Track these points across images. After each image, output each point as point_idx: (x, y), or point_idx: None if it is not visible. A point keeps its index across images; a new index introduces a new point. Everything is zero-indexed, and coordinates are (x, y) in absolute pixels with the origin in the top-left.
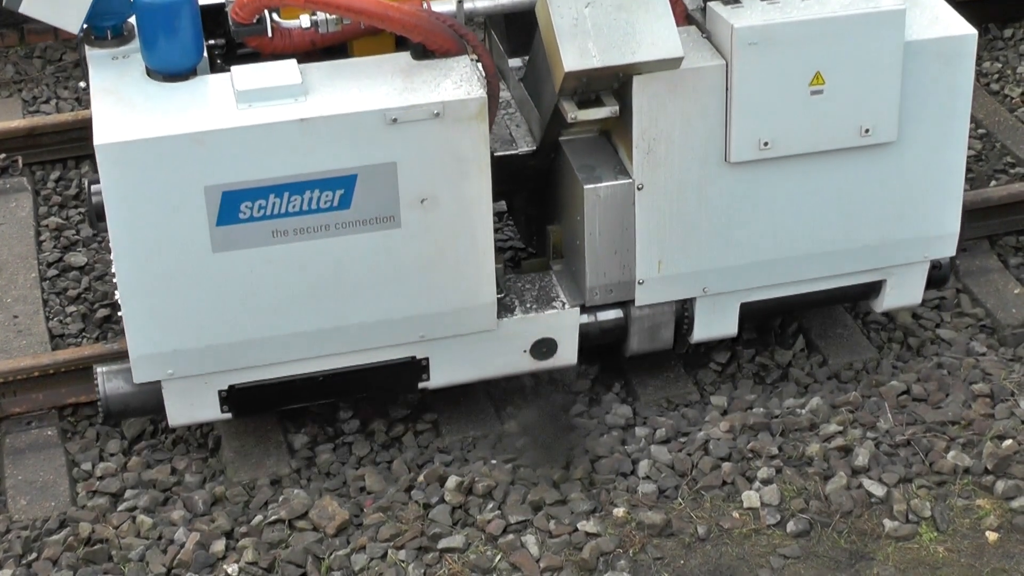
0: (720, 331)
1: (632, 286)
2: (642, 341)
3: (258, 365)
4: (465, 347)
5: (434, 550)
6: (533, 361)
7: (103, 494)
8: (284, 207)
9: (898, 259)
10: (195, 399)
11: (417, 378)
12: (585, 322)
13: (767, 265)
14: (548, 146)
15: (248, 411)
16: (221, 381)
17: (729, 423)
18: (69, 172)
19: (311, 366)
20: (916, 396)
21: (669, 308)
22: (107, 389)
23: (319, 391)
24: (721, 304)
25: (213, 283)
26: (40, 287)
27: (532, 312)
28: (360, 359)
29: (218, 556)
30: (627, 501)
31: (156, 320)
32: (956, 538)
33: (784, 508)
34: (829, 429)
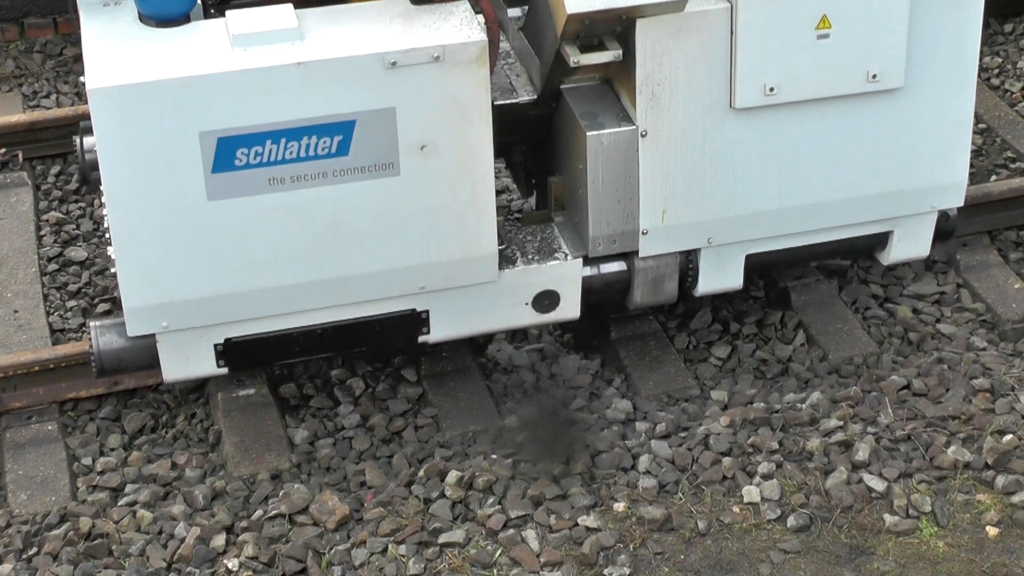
0: (725, 283)
1: (636, 236)
2: (645, 294)
3: (255, 318)
4: (466, 299)
5: (434, 545)
6: (535, 314)
7: (103, 489)
8: (281, 154)
9: (905, 209)
10: (190, 353)
11: (417, 331)
12: (588, 274)
13: (773, 215)
14: (549, 95)
15: (244, 365)
16: (217, 334)
17: (729, 418)
18: (69, 167)
19: (309, 319)
20: (916, 391)
21: (673, 259)
22: (100, 344)
23: (317, 345)
24: (726, 256)
25: (208, 232)
26: (40, 282)
27: (534, 263)
28: (359, 312)
29: (218, 551)
30: (627, 496)
31: (150, 271)
32: (956, 533)
33: (784, 503)
34: (829, 424)
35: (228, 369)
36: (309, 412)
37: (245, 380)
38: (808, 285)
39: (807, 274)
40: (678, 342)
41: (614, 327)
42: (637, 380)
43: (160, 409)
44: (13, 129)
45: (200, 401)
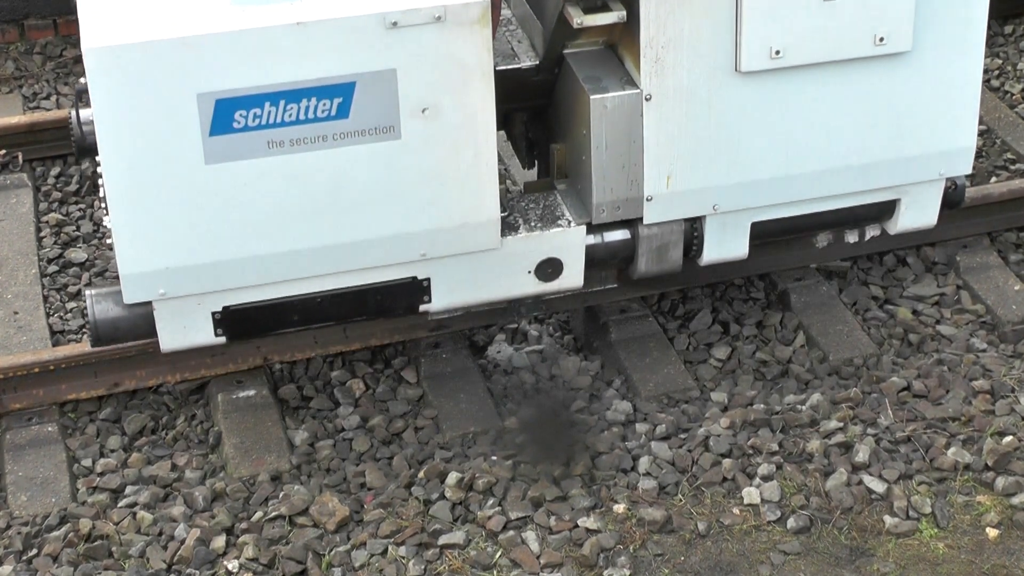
0: (730, 252)
1: (640, 203)
2: (650, 262)
3: (253, 285)
4: (467, 267)
5: (434, 546)
6: (538, 283)
7: (103, 490)
8: (280, 116)
9: (912, 176)
10: (188, 321)
11: (418, 300)
12: (591, 242)
13: (779, 182)
14: (552, 60)
15: (242, 334)
16: (215, 302)
17: (729, 419)
18: (69, 168)
19: (308, 286)
20: (916, 392)
21: (678, 227)
22: (96, 312)
23: (317, 314)
24: (732, 223)
25: (206, 196)
26: (40, 283)
27: (536, 231)
28: (359, 279)
29: (218, 552)
30: (627, 497)
31: (147, 237)
32: (956, 534)
33: (784, 504)
34: (829, 425)
35: (226, 338)
36: (309, 413)
37: (245, 381)
38: (808, 286)
39: (807, 275)
40: (678, 343)
41: (614, 328)
42: (637, 381)
43: (160, 410)
44: (13, 130)
45: (200, 402)
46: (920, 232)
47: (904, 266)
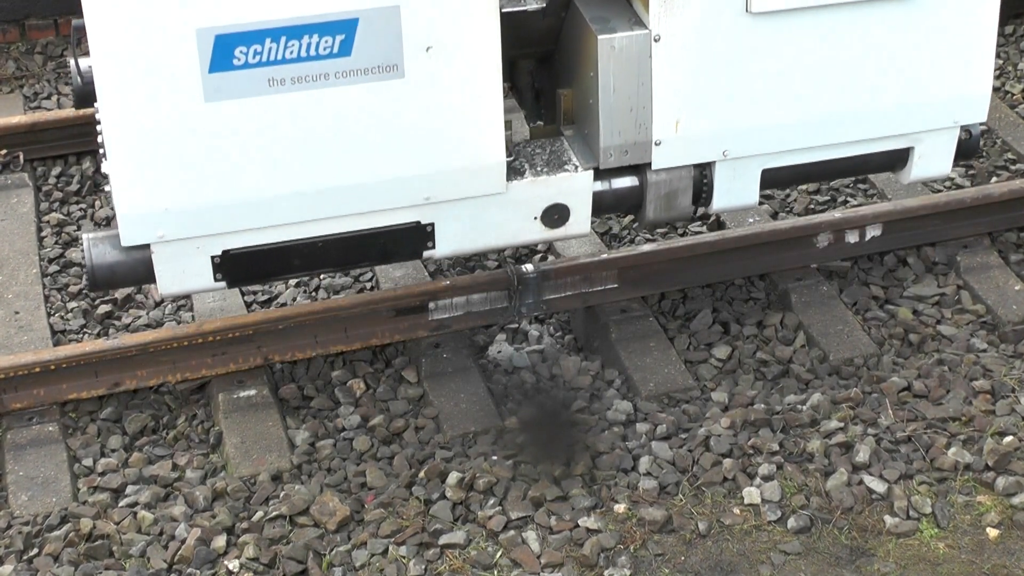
0: (740, 200)
1: (648, 147)
2: (658, 209)
3: (253, 228)
4: (472, 212)
5: (435, 546)
6: (544, 229)
7: (104, 490)
8: (281, 53)
9: (926, 124)
10: (187, 266)
11: (422, 245)
12: (599, 189)
13: (790, 127)
14: (558, 3)
15: (242, 279)
16: (214, 246)
17: (730, 419)
18: (70, 168)
19: (310, 230)
20: (917, 392)
21: (687, 173)
22: (93, 256)
23: (319, 258)
24: (742, 169)
25: (205, 135)
26: (41, 283)
27: (543, 175)
28: (362, 223)
29: (219, 552)
30: (628, 497)
31: (145, 177)
32: (957, 534)
33: (785, 504)
34: (830, 425)
35: (225, 283)
36: (310, 413)
37: (246, 381)
38: (808, 286)
39: (807, 275)
40: (678, 343)
41: (614, 328)
42: (638, 381)
43: (161, 410)
44: (14, 130)
45: (201, 402)
46: (933, 181)
47: (904, 266)
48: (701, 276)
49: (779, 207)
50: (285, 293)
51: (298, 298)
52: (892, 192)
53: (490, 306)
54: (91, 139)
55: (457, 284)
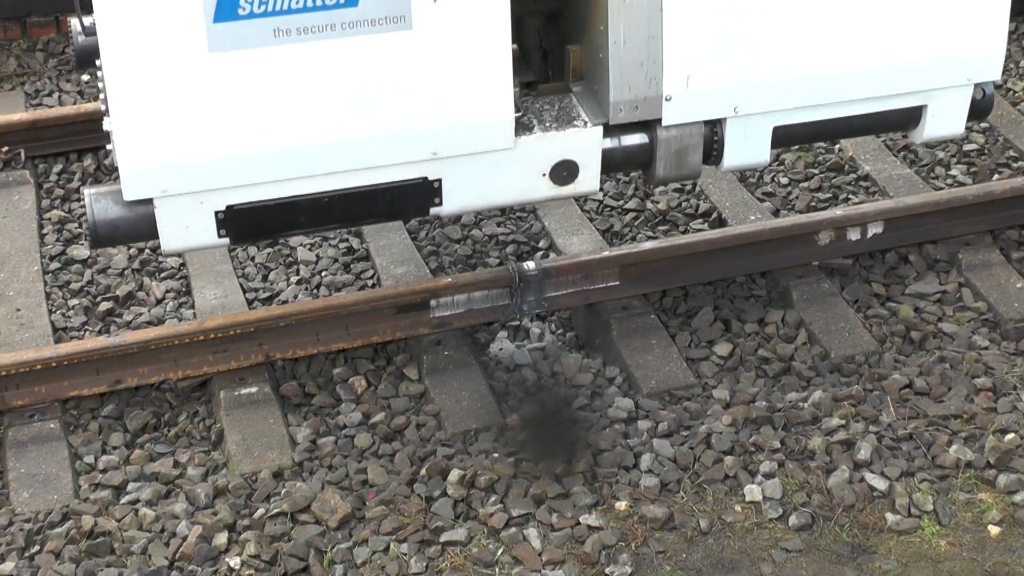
0: (752, 158)
1: (659, 102)
2: (668, 167)
3: (258, 182)
4: (480, 168)
5: (436, 543)
6: (553, 186)
7: (106, 487)
8: (287, 3)
9: (939, 81)
10: (190, 221)
11: (429, 201)
12: (608, 146)
13: (802, 83)
14: None
15: (246, 236)
16: (218, 200)
17: (731, 416)
18: (72, 165)
19: (316, 185)
20: (918, 390)
21: (698, 130)
22: (95, 211)
23: (324, 214)
24: (753, 127)
25: (209, 87)
26: (43, 280)
27: (552, 131)
28: (368, 179)
29: (220, 549)
30: (629, 495)
31: (148, 130)
32: (958, 532)
33: (786, 502)
34: (831, 423)
35: (229, 239)
36: (311, 410)
37: (247, 378)
38: (810, 283)
39: (809, 273)
40: (680, 340)
41: (616, 326)
42: (639, 379)
43: (162, 407)
44: (15, 128)
45: (202, 399)
46: (950, 139)
47: (906, 263)
48: (702, 273)
49: (780, 205)
50: (287, 290)
51: (299, 295)
52: (894, 190)
53: (492, 303)
54: (92, 136)
55: (459, 281)
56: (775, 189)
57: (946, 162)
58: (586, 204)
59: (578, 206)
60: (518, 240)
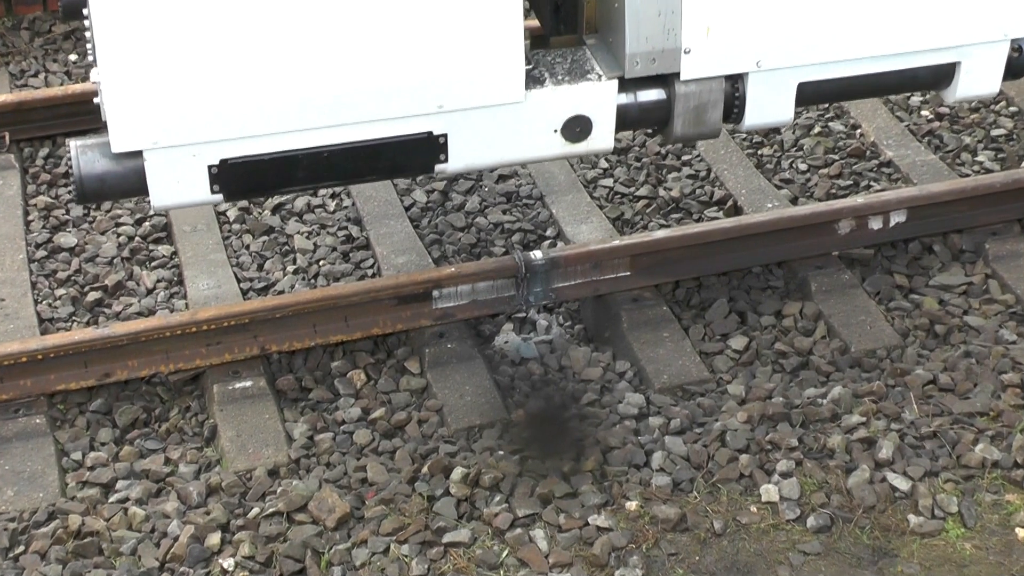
0: (774, 116)
1: (677, 55)
2: (687, 124)
3: (253, 135)
4: (488, 123)
5: (439, 544)
6: (565, 144)
7: (94, 485)
8: None
9: (974, 36)
10: (182, 175)
11: (434, 158)
12: (624, 102)
13: (829, 37)
14: None
15: (241, 192)
16: (212, 154)
17: (747, 413)
18: (59, 149)
19: (315, 139)
20: (943, 386)
21: (718, 85)
22: (81, 164)
23: (324, 170)
24: (777, 83)
25: (202, 33)
26: (28, 269)
27: (564, 84)
28: (370, 132)
29: (213, 550)
30: (640, 494)
31: (138, 78)
32: (984, 535)
33: (804, 502)
34: (851, 420)
35: (223, 196)
36: (308, 405)
37: (241, 372)
38: (829, 274)
39: (828, 263)
40: (693, 333)
41: (626, 318)
42: (650, 373)
43: (153, 402)
44: (0, 110)
45: (195, 394)
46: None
47: (930, 254)
48: (717, 264)
49: (799, 192)
50: (283, 280)
51: (296, 285)
52: (917, 176)
53: (497, 294)
54: (81, 119)
55: (462, 271)
56: (793, 176)
57: (973, 148)
58: (595, 191)
59: (587, 193)
60: (524, 228)
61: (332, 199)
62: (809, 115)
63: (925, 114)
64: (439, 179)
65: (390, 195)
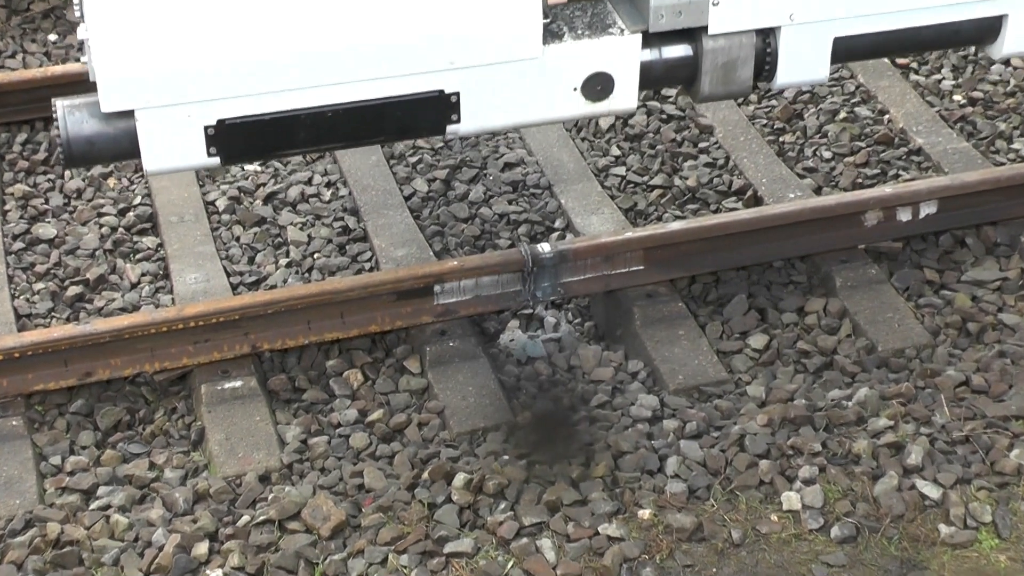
0: (808, 74)
1: (705, 7)
2: (715, 82)
3: (253, 93)
4: (503, 81)
5: (440, 555)
6: (585, 103)
7: (74, 491)
8: None
9: None
10: (176, 137)
11: (446, 118)
12: (648, 58)
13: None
14: None
15: (239, 155)
16: (208, 114)
17: (767, 416)
18: (37, 135)
19: (317, 97)
20: (976, 388)
21: (748, 40)
22: (69, 125)
23: (327, 131)
24: (811, 37)
25: None
26: (5, 262)
27: (584, 39)
28: (376, 91)
29: (201, 560)
30: (654, 502)
31: (129, 33)
32: (1020, 546)
33: (828, 511)
34: (878, 424)
35: (220, 159)
36: (302, 407)
37: (231, 371)
38: (855, 269)
39: (854, 257)
40: (710, 331)
41: (639, 314)
42: (665, 374)
43: (137, 403)
44: None
45: (181, 394)
46: None
47: (963, 247)
48: (736, 257)
49: (823, 181)
50: (275, 274)
51: (289, 280)
52: (949, 165)
53: (502, 289)
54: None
55: (465, 265)
56: (817, 164)
57: (1008, 134)
58: (607, 180)
59: (598, 182)
60: (532, 219)
61: (328, 188)
62: (834, 100)
63: (957, 99)
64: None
65: (389, 184)
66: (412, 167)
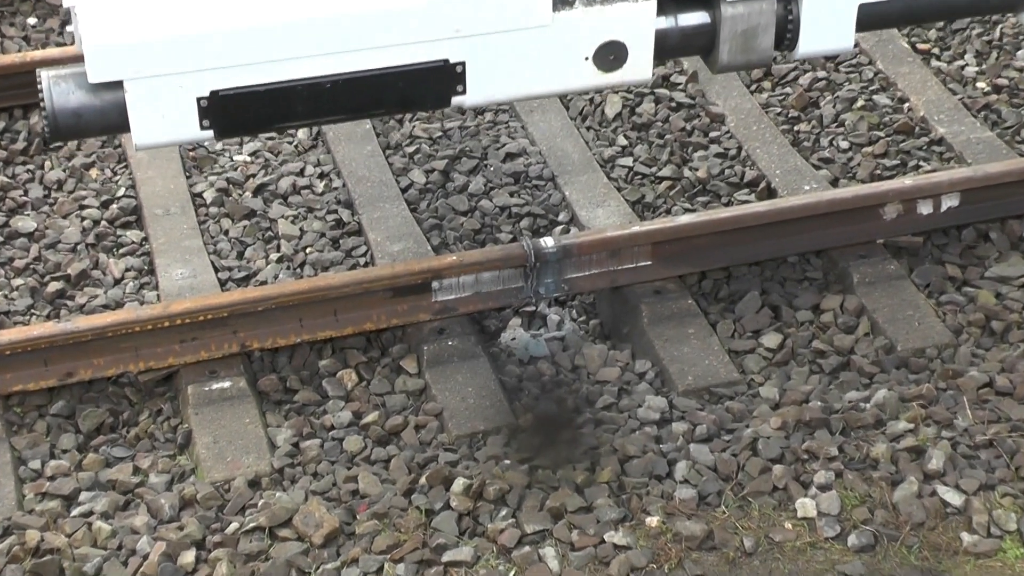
0: (832, 43)
1: None
2: (734, 51)
3: (248, 63)
4: (511, 50)
5: (438, 564)
6: (597, 73)
7: (54, 497)
8: None
9: None
10: (167, 109)
11: (450, 89)
12: (663, 26)
13: None
14: None
15: (234, 128)
16: (201, 85)
17: (781, 419)
18: (15, 123)
19: (316, 68)
20: (1000, 389)
21: (769, 6)
22: (54, 97)
23: (326, 104)
24: (835, 3)
25: None
26: None
27: (596, 5)
28: (377, 60)
29: (187, 569)
30: (662, 509)
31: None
32: None
33: (845, 518)
34: (898, 427)
35: (214, 133)
36: (293, 408)
37: (219, 371)
38: (873, 265)
39: (872, 252)
40: (721, 330)
41: (647, 312)
42: (674, 374)
43: (120, 404)
44: None
45: (167, 395)
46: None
47: (986, 241)
48: (748, 252)
49: (840, 173)
50: (265, 270)
51: (280, 275)
52: (972, 156)
53: (503, 286)
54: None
55: (465, 260)
56: (833, 155)
57: None
58: (613, 171)
59: (604, 173)
60: (534, 212)
61: (320, 179)
62: (852, 87)
63: (981, 86)
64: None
65: (385, 175)
66: (409, 157)
